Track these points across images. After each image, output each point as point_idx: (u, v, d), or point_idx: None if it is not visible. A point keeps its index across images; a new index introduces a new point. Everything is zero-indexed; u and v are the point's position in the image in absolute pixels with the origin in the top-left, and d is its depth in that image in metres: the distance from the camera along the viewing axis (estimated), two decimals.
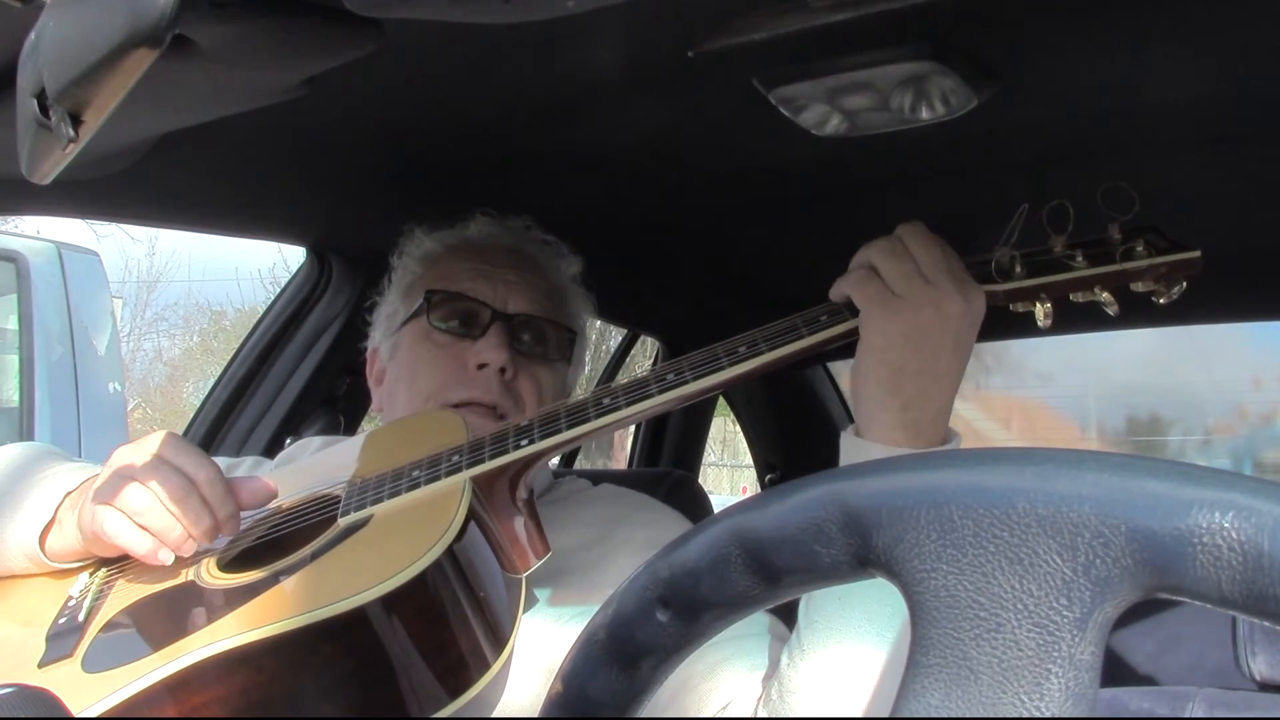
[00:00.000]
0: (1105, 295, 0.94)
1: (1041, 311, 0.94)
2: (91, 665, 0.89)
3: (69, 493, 1.01)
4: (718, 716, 0.94)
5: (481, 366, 1.15)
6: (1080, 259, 0.93)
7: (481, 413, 1.15)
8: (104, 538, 0.93)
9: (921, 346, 0.90)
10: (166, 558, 0.93)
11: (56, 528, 1.00)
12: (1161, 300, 0.93)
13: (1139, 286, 0.94)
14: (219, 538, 0.97)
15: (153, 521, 0.92)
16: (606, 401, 0.95)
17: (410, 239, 1.31)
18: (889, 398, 0.91)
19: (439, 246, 1.28)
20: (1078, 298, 0.95)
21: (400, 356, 1.24)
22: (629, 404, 0.95)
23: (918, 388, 0.90)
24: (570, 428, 0.95)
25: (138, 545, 0.92)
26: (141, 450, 0.97)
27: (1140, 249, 0.92)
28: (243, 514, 0.98)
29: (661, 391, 0.94)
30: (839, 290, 0.95)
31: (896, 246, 0.93)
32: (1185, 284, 0.93)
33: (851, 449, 0.93)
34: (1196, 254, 0.92)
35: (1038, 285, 0.94)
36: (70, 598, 0.99)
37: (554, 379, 1.21)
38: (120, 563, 1.01)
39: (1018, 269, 0.94)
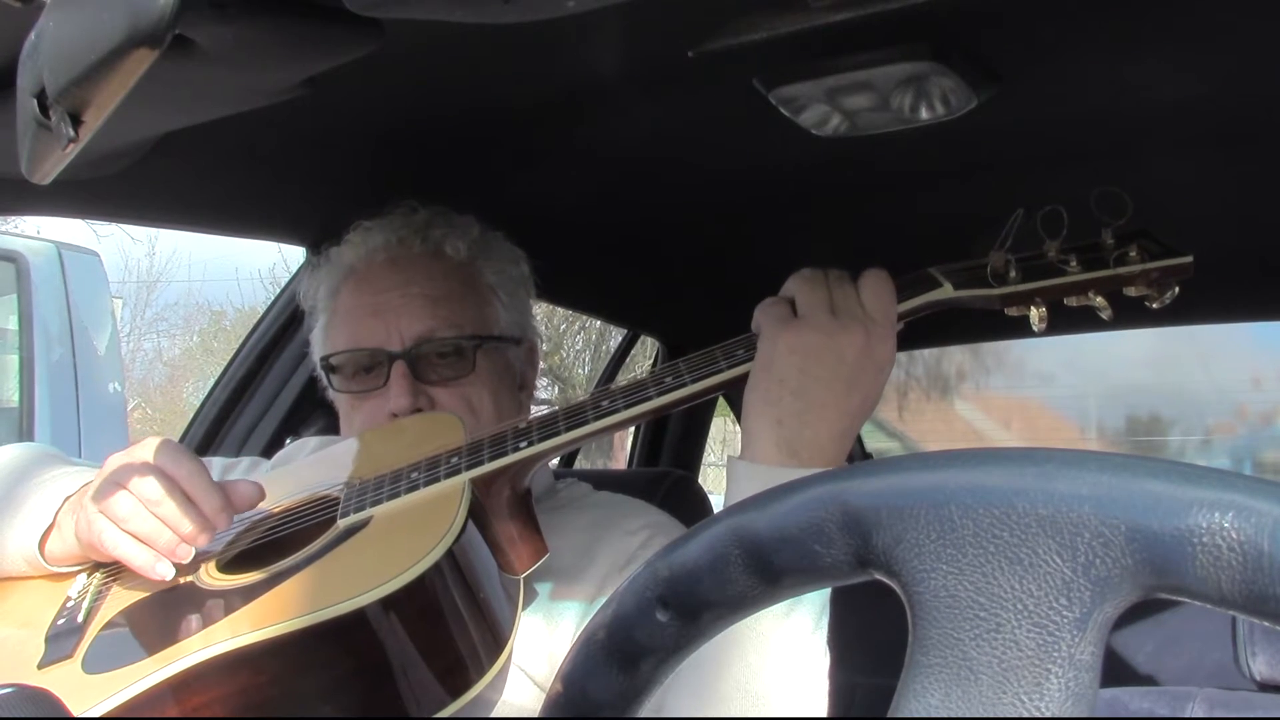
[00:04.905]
0: (1099, 300, 0.94)
1: (1036, 315, 0.95)
2: (91, 666, 0.89)
3: (68, 497, 1.01)
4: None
5: (395, 414, 1.14)
6: (1074, 264, 0.94)
7: None
8: (102, 549, 0.94)
9: (806, 367, 0.90)
10: (165, 571, 0.93)
11: (56, 532, 1.01)
12: (1154, 305, 0.94)
13: (1132, 291, 0.95)
14: (216, 537, 0.96)
15: (140, 526, 0.92)
16: (605, 404, 0.96)
17: (313, 273, 1.28)
18: (766, 408, 0.91)
19: (335, 278, 1.24)
20: (1072, 302, 0.95)
21: (334, 400, 1.25)
22: (627, 406, 0.95)
23: (795, 407, 0.90)
24: (569, 430, 0.95)
25: (133, 557, 0.93)
26: (129, 456, 0.97)
27: (1133, 254, 0.93)
28: (240, 515, 0.98)
29: (660, 394, 0.95)
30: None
31: (818, 277, 0.94)
32: (1177, 289, 0.94)
33: (730, 469, 0.93)
34: (1188, 259, 0.93)
35: (1032, 290, 0.94)
36: (69, 599, 0.99)
37: (480, 385, 1.17)
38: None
39: (1012, 273, 0.94)
